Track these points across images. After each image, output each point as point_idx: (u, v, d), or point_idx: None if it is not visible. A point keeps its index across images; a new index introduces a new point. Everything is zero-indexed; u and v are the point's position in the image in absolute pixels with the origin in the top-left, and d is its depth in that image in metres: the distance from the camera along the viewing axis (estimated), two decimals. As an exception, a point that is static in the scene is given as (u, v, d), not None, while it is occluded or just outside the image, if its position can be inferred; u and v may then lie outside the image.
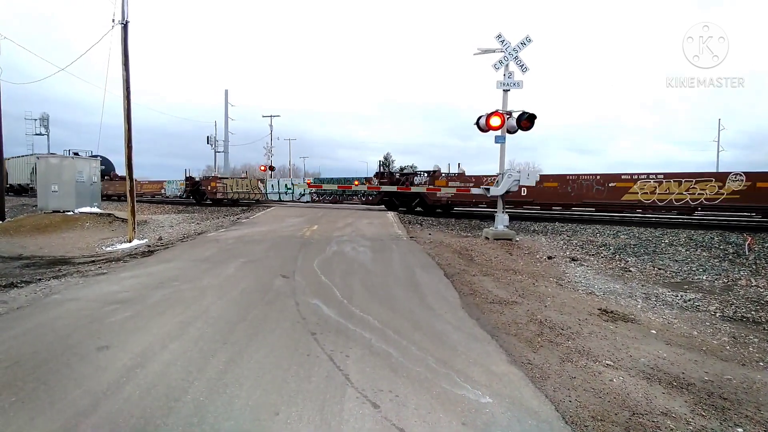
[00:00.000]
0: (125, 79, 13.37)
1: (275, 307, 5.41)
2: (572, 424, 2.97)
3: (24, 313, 5.24)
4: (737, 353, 4.53)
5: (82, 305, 5.49)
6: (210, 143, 49.65)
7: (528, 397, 3.31)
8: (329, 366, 3.73)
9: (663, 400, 3.39)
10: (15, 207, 27.34)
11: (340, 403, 3.11)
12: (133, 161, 13.83)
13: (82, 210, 19.04)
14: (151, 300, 5.69)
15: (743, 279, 7.77)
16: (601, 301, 6.42)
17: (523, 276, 7.95)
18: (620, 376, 3.81)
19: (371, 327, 4.76)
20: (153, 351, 3.96)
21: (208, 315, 5.04)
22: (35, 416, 2.86)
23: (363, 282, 6.84)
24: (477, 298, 6.27)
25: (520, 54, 11.52)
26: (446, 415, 2.99)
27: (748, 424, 3.07)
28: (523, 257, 9.79)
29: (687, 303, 6.48)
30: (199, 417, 2.87)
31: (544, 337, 4.72)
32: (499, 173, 12.30)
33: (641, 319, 5.61)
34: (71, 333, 4.45)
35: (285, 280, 6.80)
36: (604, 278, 8.13)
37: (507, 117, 11.67)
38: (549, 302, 6.19)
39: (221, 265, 7.98)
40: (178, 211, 24.77)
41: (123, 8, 13.26)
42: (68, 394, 3.16)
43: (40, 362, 3.71)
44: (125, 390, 3.22)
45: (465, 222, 15.78)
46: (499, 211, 12.29)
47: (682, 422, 3.05)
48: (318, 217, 16.75)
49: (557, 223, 14.30)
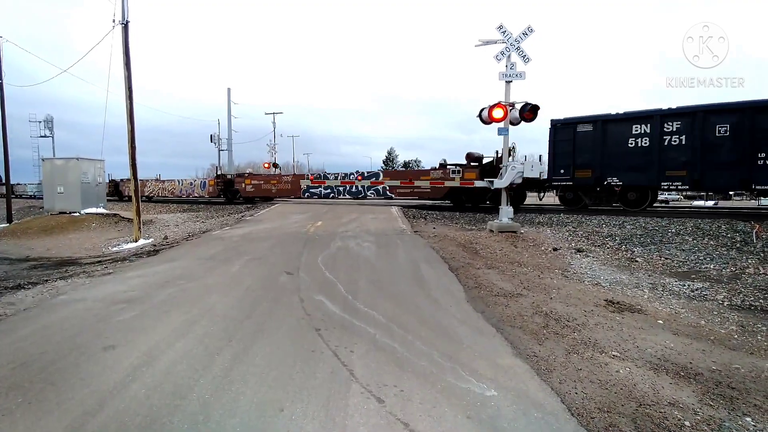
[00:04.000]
0: (127, 78, 13.39)
1: (280, 304, 5.42)
2: (578, 416, 2.95)
3: (31, 314, 5.28)
4: (745, 342, 4.49)
5: (89, 305, 5.52)
6: (213, 142, 49.73)
7: (534, 390, 3.29)
8: (334, 362, 3.73)
9: (670, 390, 3.36)
10: (22, 209, 27.59)
11: (345, 398, 3.11)
12: (137, 161, 13.89)
13: (88, 211, 19.16)
14: (157, 299, 5.72)
15: (751, 267, 7.68)
16: (607, 292, 6.38)
17: (528, 268, 7.91)
18: (627, 367, 3.78)
19: (376, 322, 4.76)
20: (159, 350, 3.98)
21: (213, 313, 5.06)
22: (42, 416, 2.88)
23: (367, 277, 6.84)
24: (482, 291, 6.24)
25: (521, 45, 11.40)
26: (451, 408, 2.99)
27: (756, 413, 3.04)
28: (528, 249, 9.74)
29: (694, 292, 6.42)
30: (204, 414, 2.88)
31: (549, 329, 4.70)
32: (503, 165, 12.22)
33: (648, 309, 5.57)
34: (78, 333, 4.48)
35: (289, 277, 6.81)
36: (610, 269, 8.07)
37: (510, 108, 11.56)
38: (554, 294, 6.15)
39: (226, 263, 8.00)
40: (183, 210, 24.85)
41: (123, 8, 13.25)
42: (75, 393, 3.18)
43: (47, 363, 3.74)
44: (132, 389, 3.24)
45: (469, 215, 15.71)
46: (503, 203, 12.22)
47: (689, 412, 3.03)
48: (322, 213, 16.76)
49: (562, 215, 14.20)
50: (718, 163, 13.43)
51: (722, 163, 13.35)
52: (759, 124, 12.75)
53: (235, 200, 28.03)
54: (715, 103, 13.45)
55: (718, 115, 13.32)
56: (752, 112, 12.86)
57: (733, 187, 14.43)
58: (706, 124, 13.42)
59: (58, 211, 18.98)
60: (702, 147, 13.51)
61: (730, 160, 13.24)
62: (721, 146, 13.29)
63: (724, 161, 13.30)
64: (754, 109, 12.93)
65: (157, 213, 23.40)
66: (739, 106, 13.07)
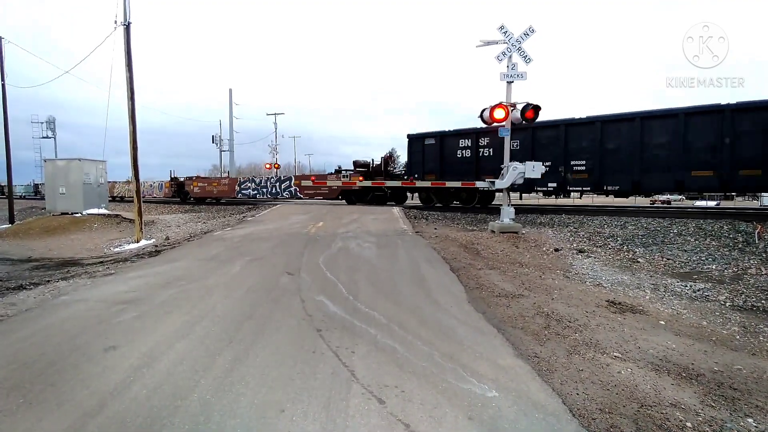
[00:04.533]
0: (129, 80, 13.43)
1: (281, 305, 5.42)
2: (580, 417, 2.94)
3: (32, 314, 5.29)
4: (747, 343, 4.48)
5: (90, 306, 5.53)
6: (215, 142, 49.86)
7: (535, 391, 3.28)
8: (335, 362, 3.73)
9: (672, 391, 3.35)
10: (24, 209, 27.67)
11: (346, 399, 3.10)
12: (139, 162, 13.93)
13: (90, 211, 19.21)
14: (158, 299, 5.72)
15: (753, 268, 7.66)
16: (608, 293, 6.37)
17: (530, 269, 7.90)
18: (628, 368, 3.77)
19: (377, 323, 4.76)
20: (160, 350, 3.98)
21: (214, 314, 5.06)
22: (43, 417, 2.88)
23: (368, 278, 6.84)
24: (483, 291, 6.23)
25: (523, 45, 11.37)
26: (452, 409, 2.98)
27: (758, 414, 3.03)
28: (530, 250, 9.73)
29: (696, 293, 6.41)
30: (205, 416, 2.88)
31: (551, 330, 4.69)
32: (504, 166, 12.21)
33: (650, 310, 5.56)
34: (79, 334, 4.49)
35: (290, 278, 6.81)
36: (612, 269, 8.06)
37: (511, 109, 11.55)
38: (556, 295, 6.14)
39: (227, 264, 8.00)
40: (185, 210, 24.90)
41: (125, 10, 13.29)
42: (75, 394, 3.18)
43: (48, 363, 3.75)
44: (132, 389, 3.24)
45: (471, 216, 15.69)
46: (505, 204, 12.20)
47: (691, 413, 3.02)
48: (323, 214, 16.76)
49: (564, 215, 14.18)
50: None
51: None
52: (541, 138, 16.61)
53: (186, 200, 32.32)
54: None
55: (550, 128, 16.54)
56: (534, 131, 16.50)
57: (522, 189, 17.13)
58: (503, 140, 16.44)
59: (60, 212, 19.04)
60: (502, 157, 16.65)
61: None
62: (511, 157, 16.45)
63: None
64: (536, 129, 16.17)
65: (158, 214, 23.45)
66: (525, 127, 15.47)
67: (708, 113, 13.35)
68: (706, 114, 13.39)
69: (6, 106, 21.07)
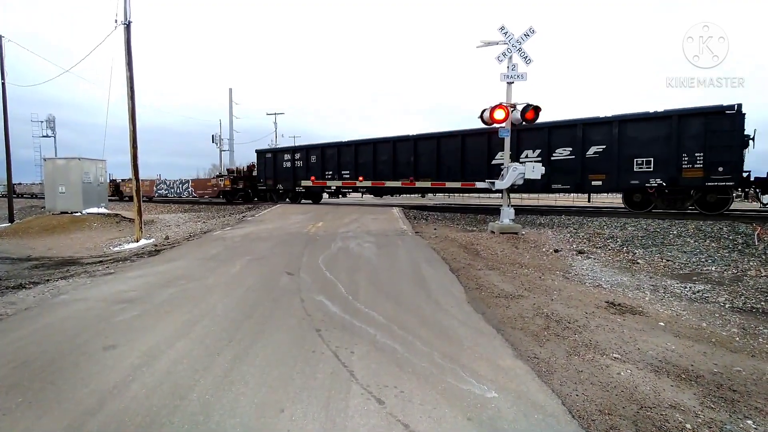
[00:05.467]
0: (129, 79, 13.42)
1: (280, 305, 5.42)
2: (579, 418, 2.94)
3: (32, 313, 5.29)
4: (747, 344, 4.48)
5: (90, 305, 5.53)
6: (215, 142, 49.80)
7: (534, 392, 3.29)
8: (334, 363, 3.73)
9: (671, 392, 3.35)
10: (24, 208, 27.66)
11: (345, 399, 3.10)
12: (139, 161, 13.93)
13: (90, 211, 19.21)
14: (158, 299, 5.72)
15: (753, 269, 7.67)
16: (608, 294, 6.37)
17: (530, 269, 7.90)
18: (628, 369, 3.77)
19: (376, 323, 4.76)
20: (159, 350, 3.98)
21: (214, 313, 5.06)
22: (42, 416, 2.88)
23: (368, 278, 6.84)
24: (483, 292, 6.24)
25: (523, 45, 11.38)
26: (452, 410, 2.98)
27: (757, 416, 3.03)
28: (530, 251, 9.73)
29: (696, 294, 6.41)
30: (204, 415, 2.88)
31: (550, 331, 4.69)
32: (505, 166, 12.21)
33: (649, 311, 5.56)
34: (79, 333, 4.49)
35: (290, 278, 6.81)
36: (612, 271, 8.06)
37: (511, 110, 11.56)
38: (555, 296, 6.14)
39: (227, 264, 8.00)
40: (185, 210, 24.89)
41: (125, 9, 13.29)
42: (75, 393, 3.18)
43: (48, 362, 3.75)
44: (132, 388, 3.24)
45: (470, 216, 15.71)
46: (505, 204, 12.21)
47: (690, 415, 3.02)
48: (323, 213, 16.77)
49: (563, 216, 14.18)
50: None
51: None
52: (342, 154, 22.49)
53: (122, 199, 35.73)
54: (325, 143, 23.76)
55: (331, 148, 23.03)
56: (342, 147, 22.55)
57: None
58: (309, 154, 23.85)
59: (60, 211, 19.03)
60: (307, 167, 23.63)
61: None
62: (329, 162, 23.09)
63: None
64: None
65: (158, 213, 23.42)
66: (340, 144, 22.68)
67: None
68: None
69: (6, 105, 21.07)
